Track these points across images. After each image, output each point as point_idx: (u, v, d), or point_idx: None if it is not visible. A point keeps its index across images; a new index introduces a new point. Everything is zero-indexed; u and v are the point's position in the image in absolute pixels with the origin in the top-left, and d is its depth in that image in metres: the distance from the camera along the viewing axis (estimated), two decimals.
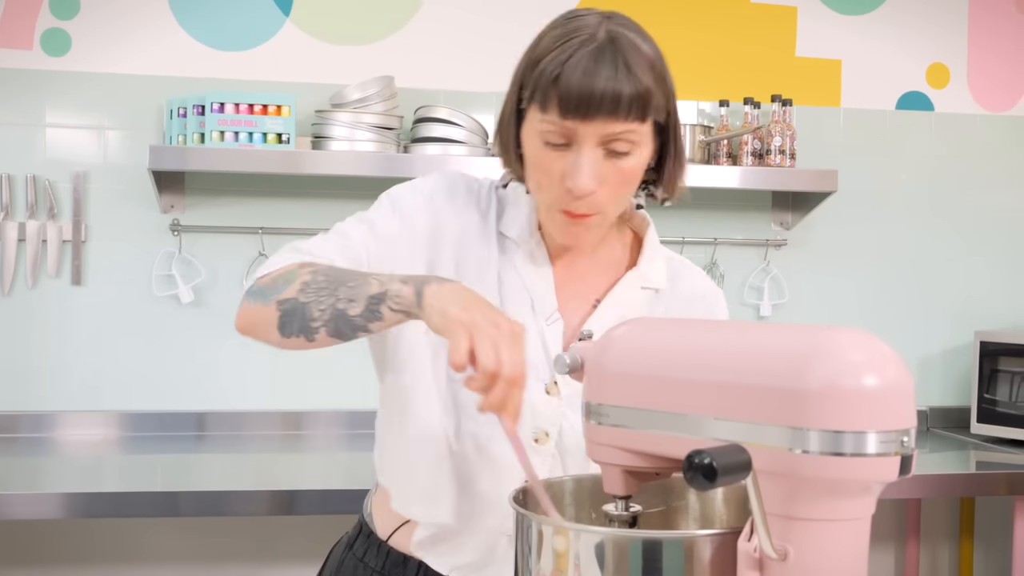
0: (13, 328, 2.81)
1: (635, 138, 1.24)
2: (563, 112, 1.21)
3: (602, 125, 1.21)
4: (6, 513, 2.24)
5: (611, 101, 1.20)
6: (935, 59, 3.28)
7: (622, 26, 1.25)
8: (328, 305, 1.18)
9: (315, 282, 1.21)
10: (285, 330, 1.22)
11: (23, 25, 2.79)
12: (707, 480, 0.84)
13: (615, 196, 1.28)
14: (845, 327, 0.95)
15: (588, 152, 1.23)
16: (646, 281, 1.40)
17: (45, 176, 2.81)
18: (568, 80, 1.20)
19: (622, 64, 1.21)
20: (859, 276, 3.25)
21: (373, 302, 1.16)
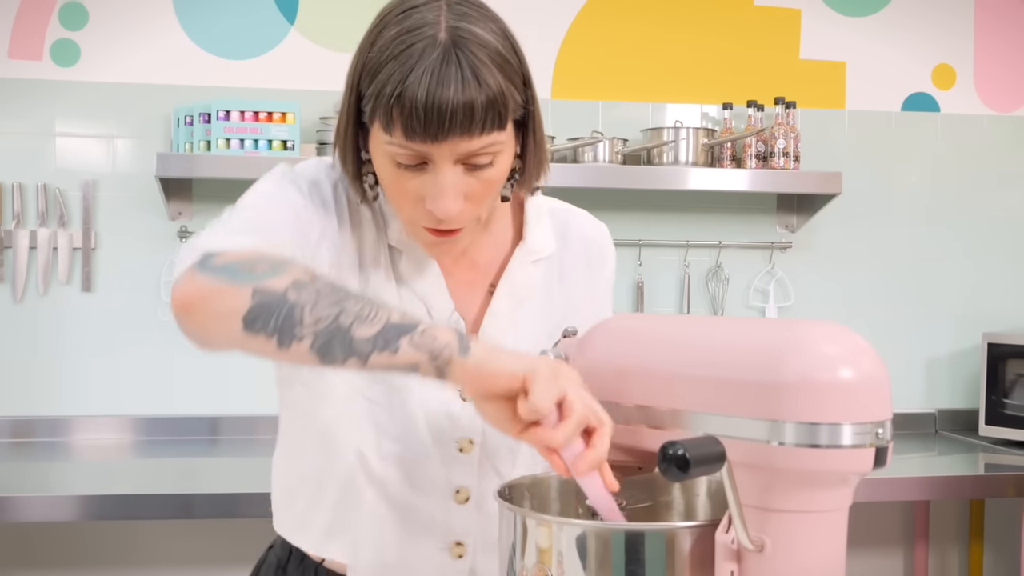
0: (25, 334, 2.84)
1: (496, 148, 1.13)
2: (409, 135, 1.08)
3: (458, 143, 1.09)
4: (21, 515, 2.27)
5: (463, 118, 1.08)
6: (941, 60, 3.28)
7: (465, 17, 1.11)
8: (329, 315, 1.00)
9: (313, 284, 1.03)
10: (254, 324, 1.01)
11: (33, 36, 2.82)
12: (680, 471, 0.86)
13: (481, 204, 1.17)
14: (820, 320, 0.97)
15: (447, 172, 1.11)
16: (535, 254, 1.31)
17: (55, 184, 2.84)
18: (411, 99, 1.07)
19: (469, 71, 1.08)
20: (866, 278, 3.25)
21: (392, 331, 0.99)
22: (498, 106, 1.10)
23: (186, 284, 1.06)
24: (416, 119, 1.07)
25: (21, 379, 2.85)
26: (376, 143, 1.13)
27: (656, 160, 2.97)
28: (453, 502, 1.28)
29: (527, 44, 1.18)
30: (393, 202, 1.18)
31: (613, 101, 3.09)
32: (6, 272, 2.82)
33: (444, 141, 1.09)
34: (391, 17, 1.13)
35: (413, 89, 1.07)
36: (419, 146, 1.09)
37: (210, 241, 1.10)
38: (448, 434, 1.26)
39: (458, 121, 1.08)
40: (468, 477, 1.27)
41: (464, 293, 1.29)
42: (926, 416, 3.26)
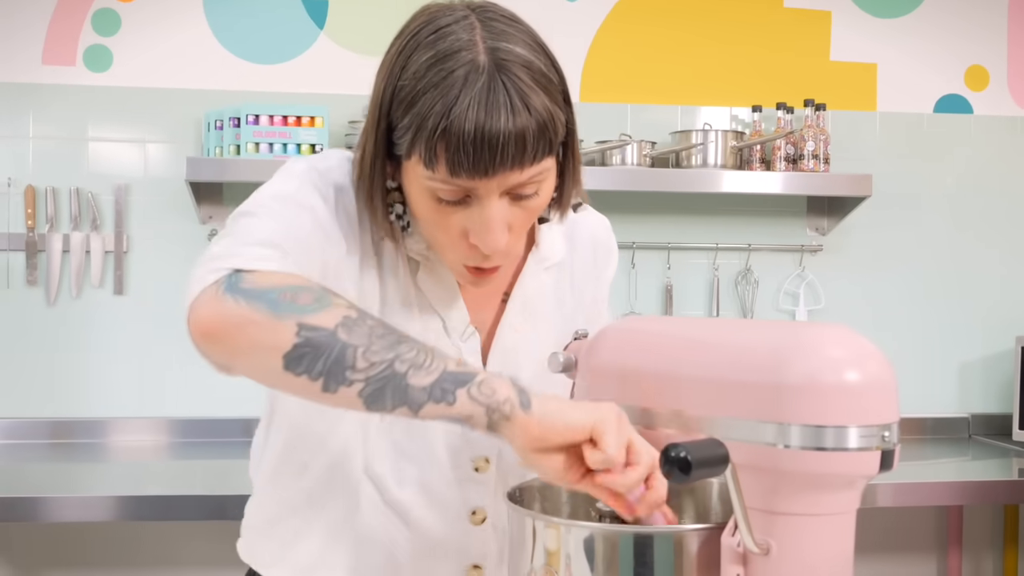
0: (58, 336, 2.88)
1: (543, 176, 1.07)
2: (455, 172, 1.01)
3: (506, 177, 1.03)
4: (55, 516, 2.31)
5: (516, 151, 1.01)
6: (974, 61, 3.25)
7: (501, 35, 1.04)
8: (384, 360, 0.93)
9: (363, 322, 0.95)
10: (298, 365, 0.93)
11: (66, 42, 2.86)
12: (683, 473, 0.85)
13: (523, 235, 1.13)
14: (827, 323, 0.96)
15: (494, 206, 1.04)
16: (546, 261, 1.26)
17: (88, 189, 2.88)
18: (459, 133, 0.99)
19: (518, 100, 1.01)
20: (897, 281, 3.22)
21: (449, 380, 0.94)
22: (548, 132, 1.03)
23: (213, 306, 0.97)
24: (464, 154, 1.00)
25: (53, 381, 2.88)
26: (413, 177, 1.06)
27: (685, 163, 2.96)
28: (469, 524, 1.24)
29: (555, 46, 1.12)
30: (432, 238, 1.11)
31: (642, 104, 3.08)
32: (40, 275, 2.86)
33: (494, 176, 1.02)
34: (422, 38, 1.05)
35: (460, 122, 0.99)
36: (465, 182, 1.02)
37: (234, 254, 1.00)
38: (464, 453, 1.22)
39: (510, 154, 1.01)
40: (484, 498, 1.24)
41: (478, 304, 1.24)
42: (959, 420, 3.23)
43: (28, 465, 2.65)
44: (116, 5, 2.88)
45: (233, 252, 1.00)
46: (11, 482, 2.51)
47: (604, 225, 1.37)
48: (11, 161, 2.86)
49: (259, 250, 1.01)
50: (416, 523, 1.22)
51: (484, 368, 1.19)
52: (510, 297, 1.25)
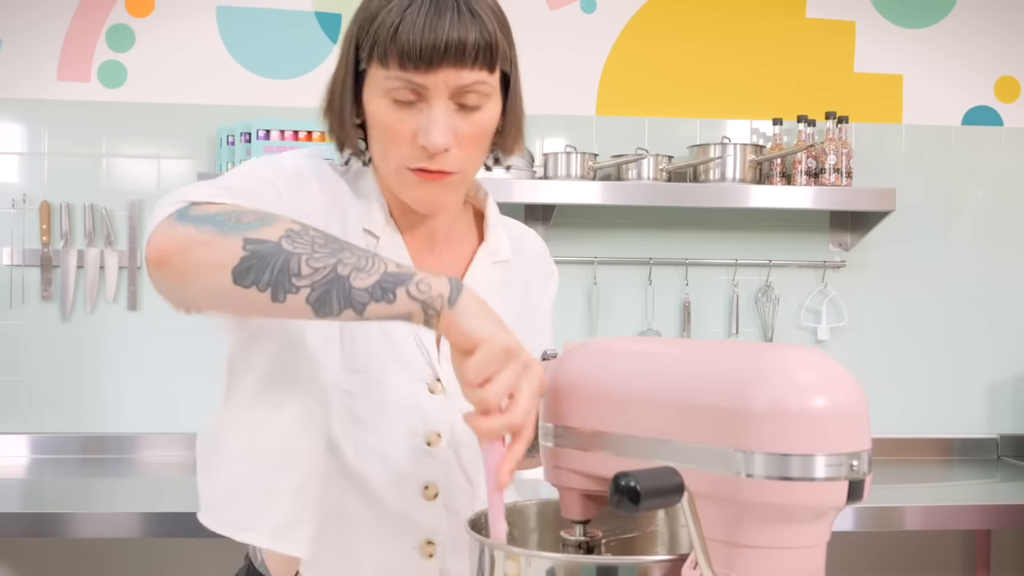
0: (73, 352, 2.88)
1: (486, 89, 1.18)
2: (405, 64, 1.14)
3: (450, 75, 1.15)
4: (75, 532, 2.30)
5: (457, 48, 1.14)
6: (1003, 72, 3.17)
7: None
8: (327, 265, 0.99)
9: (306, 233, 1.01)
10: (245, 277, 0.99)
11: (81, 58, 2.87)
12: (632, 504, 0.81)
13: (471, 153, 1.21)
14: (797, 345, 0.91)
15: (439, 106, 1.16)
16: (496, 256, 1.35)
17: (103, 204, 2.88)
18: (409, 28, 1.13)
19: (465, 9, 1.15)
20: (923, 298, 3.14)
21: (389, 280, 1.00)
22: (490, 45, 1.16)
23: (164, 233, 1.02)
24: (412, 47, 1.13)
25: (68, 396, 2.88)
26: (373, 85, 1.17)
27: (703, 177, 2.91)
28: (422, 499, 1.26)
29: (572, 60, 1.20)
30: (385, 145, 1.19)
31: (660, 118, 3.04)
32: (54, 291, 2.86)
33: (438, 69, 1.14)
34: None
35: (411, 20, 1.13)
36: (414, 75, 1.14)
37: (190, 191, 1.06)
38: (418, 427, 1.25)
39: (452, 50, 1.13)
40: (435, 473, 1.26)
41: None
42: (988, 441, 3.14)
43: (43, 480, 2.65)
44: (130, 21, 2.88)
45: (190, 190, 1.07)
46: (27, 498, 2.51)
47: (545, 247, 1.49)
48: (26, 177, 2.87)
49: (213, 190, 1.08)
50: (373, 495, 1.24)
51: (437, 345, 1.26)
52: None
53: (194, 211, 1.03)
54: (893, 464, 2.98)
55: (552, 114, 2.98)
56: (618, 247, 2.99)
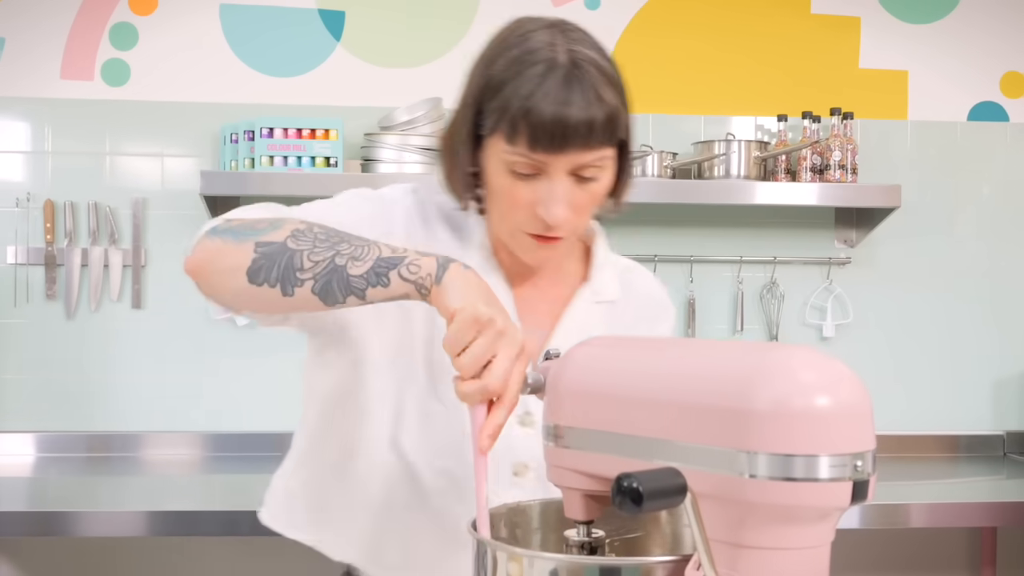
0: (77, 351, 2.88)
1: (605, 163, 1.22)
2: (533, 146, 1.17)
3: (576, 156, 1.18)
4: (80, 531, 2.29)
5: (584, 132, 1.16)
6: (1009, 67, 3.16)
7: (578, 42, 1.21)
8: (325, 258, 1.08)
9: (310, 231, 1.11)
10: (257, 276, 1.09)
11: (84, 56, 2.87)
12: (635, 505, 0.81)
13: (583, 217, 1.26)
14: (799, 344, 0.91)
15: (560, 182, 1.20)
16: (599, 295, 1.38)
17: (106, 203, 2.88)
18: (540, 113, 1.15)
19: (591, 92, 1.17)
20: (929, 295, 3.13)
21: (382, 265, 1.07)
22: (612, 123, 1.18)
23: (196, 247, 1.16)
24: (543, 131, 1.15)
25: (73, 395, 2.88)
26: (493, 153, 1.21)
27: (707, 174, 2.90)
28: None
29: None
30: (502, 208, 1.24)
31: (664, 114, 3.03)
32: (59, 289, 2.86)
33: (564, 154, 1.17)
34: (510, 40, 1.22)
35: (541, 105, 1.15)
36: (540, 156, 1.17)
37: (234, 212, 1.20)
38: (503, 457, 1.28)
39: (580, 136, 1.16)
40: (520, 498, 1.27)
41: (529, 322, 1.32)
42: (994, 438, 3.13)
43: (48, 479, 2.66)
44: (133, 19, 2.88)
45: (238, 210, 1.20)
46: (32, 497, 2.51)
47: (660, 286, 1.49)
48: (30, 176, 2.87)
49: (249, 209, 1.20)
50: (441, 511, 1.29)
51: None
52: (559, 323, 1.34)
53: (223, 225, 1.15)
54: (898, 461, 2.97)
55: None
56: (622, 244, 2.95)
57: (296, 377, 2.88)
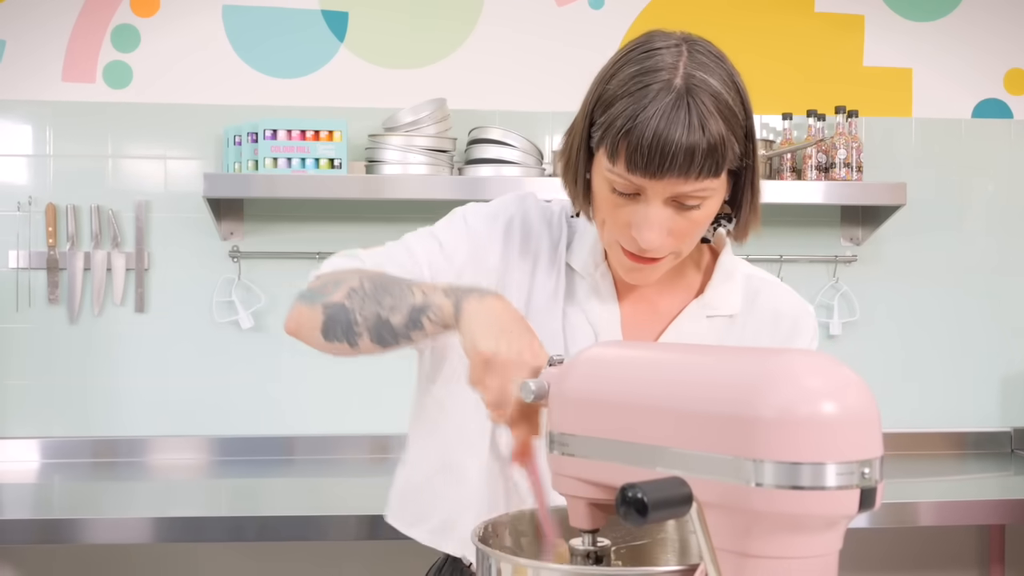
0: (80, 355, 2.87)
1: (707, 193, 1.19)
2: (631, 168, 1.16)
3: (674, 183, 1.16)
4: (86, 538, 2.28)
5: (683, 162, 1.14)
6: (1013, 64, 3.14)
7: (703, 67, 1.18)
8: (371, 312, 1.19)
9: (361, 288, 1.21)
10: (328, 334, 1.23)
11: (86, 59, 2.86)
12: (640, 515, 0.80)
13: (683, 242, 1.23)
14: (804, 350, 0.90)
15: (656, 207, 1.18)
16: (712, 309, 1.34)
17: (109, 206, 2.87)
18: (639, 136, 1.14)
19: (696, 120, 1.14)
20: (935, 292, 3.12)
21: (415, 312, 1.17)
22: (717, 155, 1.15)
23: (289, 314, 1.30)
24: (640, 155, 1.14)
25: (76, 400, 2.88)
26: (598, 168, 1.22)
27: None
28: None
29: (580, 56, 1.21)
30: (601, 222, 1.26)
31: None
32: (61, 294, 2.86)
33: (661, 179, 1.15)
34: (634, 55, 1.20)
35: (642, 127, 1.14)
36: (637, 179, 1.16)
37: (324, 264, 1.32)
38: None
39: (678, 164, 1.14)
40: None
41: (635, 330, 1.33)
42: (1001, 435, 3.12)
43: (53, 486, 2.65)
44: (135, 21, 2.88)
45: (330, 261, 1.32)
46: (37, 504, 2.51)
47: (796, 306, 1.39)
48: (32, 179, 2.86)
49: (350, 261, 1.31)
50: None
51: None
52: (662, 336, 1.33)
53: (307, 289, 1.28)
54: (906, 459, 2.96)
55: (560, 111, 2.96)
56: None
57: (297, 381, 2.89)
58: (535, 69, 2.98)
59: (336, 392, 2.94)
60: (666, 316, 1.34)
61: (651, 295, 1.34)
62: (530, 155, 2.79)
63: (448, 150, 2.79)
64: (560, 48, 2.96)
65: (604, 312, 1.32)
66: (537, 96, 2.97)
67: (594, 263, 1.33)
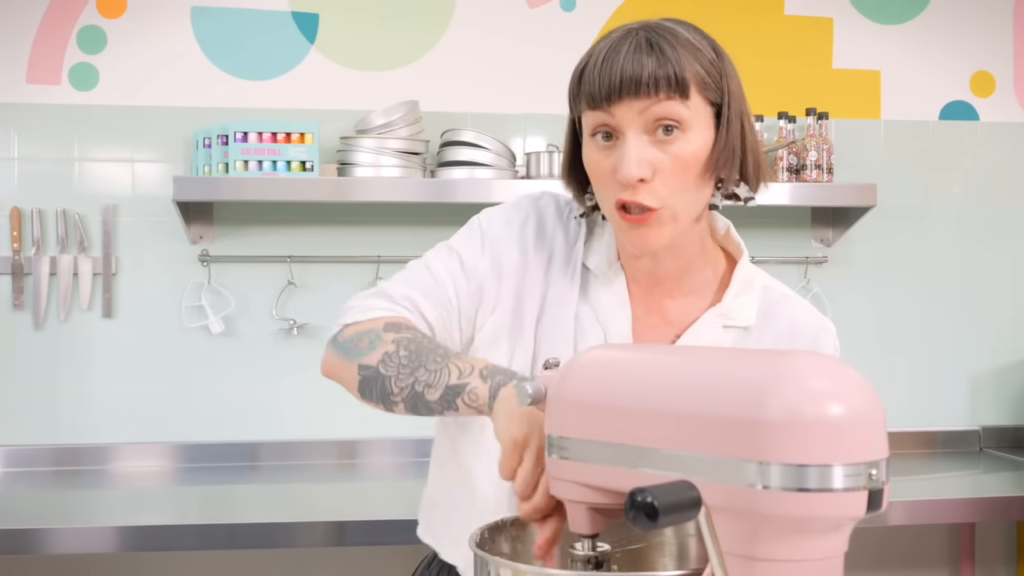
0: (47, 361, 2.83)
1: (679, 115, 1.17)
2: (591, 104, 1.18)
3: (635, 105, 1.16)
4: (51, 548, 2.24)
5: (633, 78, 1.16)
6: (979, 67, 3.18)
7: (667, 21, 1.22)
8: (407, 384, 1.19)
9: (397, 356, 1.21)
10: (364, 394, 1.24)
11: (51, 60, 2.82)
12: (649, 520, 0.79)
13: (674, 186, 1.19)
14: (808, 352, 0.89)
15: (631, 139, 1.18)
16: (728, 319, 1.31)
17: (75, 210, 2.83)
18: (592, 69, 1.18)
19: (645, 44, 1.17)
20: (905, 292, 3.15)
21: (450, 393, 1.16)
22: (671, 69, 1.16)
23: (324, 359, 1.30)
24: (593, 84, 1.17)
25: (43, 407, 2.83)
26: (585, 141, 1.23)
27: None
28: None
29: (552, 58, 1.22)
30: (598, 188, 1.24)
31: None
32: (27, 299, 2.81)
33: (620, 103, 1.16)
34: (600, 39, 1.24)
35: (594, 61, 1.19)
36: (601, 115, 1.18)
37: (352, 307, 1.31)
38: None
39: (629, 81, 1.15)
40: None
41: (647, 335, 1.31)
42: (970, 434, 3.15)
43: (16, 495, 2.59)
44: (101, 22, 2.83)
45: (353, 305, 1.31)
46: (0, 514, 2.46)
47: (814, 321, 1.36)
48: None
49: (375, 301, 1.30)
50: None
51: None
52: (679, 341, 1.30)
53: (340, 337, 1.28)
54: None
55: (533, 113, 2.96)
56: None
57: (267, 386, 2.86)
58: (507, 71, 2.97)
59: (304, 397, 2.91)
60: (678, 321, 1.32)
61: (664, 300, 1.32)
62: (503, 157, 2.78)
63: (420, 152, 2.77)
64: (532, 50, 2.96)
65: (616, 314, 1.31)
66: (509, 98, 2.97)
67: (608, 263, 1.32)
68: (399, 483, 2.71)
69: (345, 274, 2.91)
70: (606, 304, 1.31)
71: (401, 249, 2.90)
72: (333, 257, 2.90)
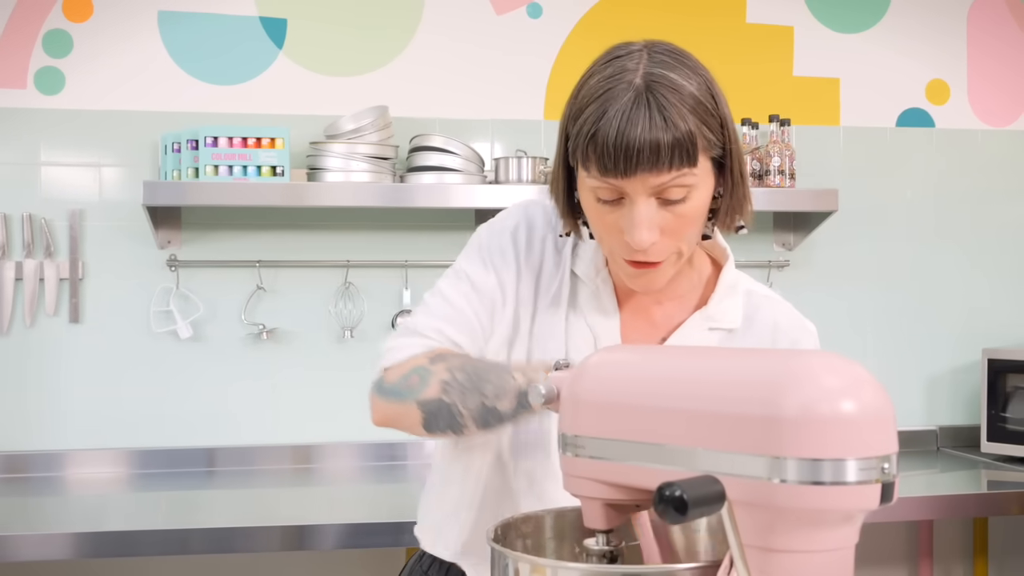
0: (13, 367, 2.80)
1: (689, 182, 1.19)
2: (603, 171, 1.18)
3: (647, 178, 1.17)
4: (11, 555, 2.21)
5: (650, 154, 1.15)
6: (935, 75, 3.26)
7: (662, 64, 1.20)
8: (475, 403, 1.21)
9: (456, 381, 1.23)
10: (432, 428, 1.25)
11: (16, 64, 2.79)
12: (678, 513, 0.81)
13: (680, 239, 1.23)
14: (820, 351, 0.93)
15: (641, 205, 1.19)
16: (714, 322, 1.35)
17: (41, 215, 2.80)
18: (604, 138, 1.16)
19: (657, 113, 1.16)
20: (864, 295, 3.22)
21: (522, 396, 1.18)
22: (685, 144, 1.16)
23: (374, 410, 1.33)
24: (608, 156, 1.16)
25: (9, 413, 2.80)
26: (581, 181, 1.24)
27: None
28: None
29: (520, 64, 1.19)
30: (597, 235, 1.27)
31: None
32: None
33: (633, 176, 1.16)
34: (596, 67, 1.23)
35: (605, 129, 1.16)
36: (612, 181, 1.18)
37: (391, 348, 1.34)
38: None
39: (645, 157, 1.15)
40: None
41: (635, 338, 1.34)
42: (927, 433, 3.23)
43: None
44: (68, 26, 2.81)
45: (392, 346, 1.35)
46: None
47: (795, 323, 1.41)
48: None
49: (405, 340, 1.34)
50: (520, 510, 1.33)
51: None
52: (666, 343, 1.33)
53: (385, 382, 1.31)
54: None
55: (501, 119, 2.98)
56: None
57: (236, 391, 2.85)
58: (475, 77, 2.99)
59: (276, 402, 2.90)
60: (664, 326, 1.35)
61: (650, 305, 1.36)
62: (472, 162, 2.80)
63: (390, 157, 2.79)
64: (500, 56, 2.98)
65: (604, 320, 1.34)
66: (477, 104, 2.99)
67: (595, 269, 1.35)
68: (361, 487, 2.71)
69: (314, 279, 2.91)
70: (595, 310, 1.34)
71: (370, 254, 2.90)
72: (302, 262, 2.91)
